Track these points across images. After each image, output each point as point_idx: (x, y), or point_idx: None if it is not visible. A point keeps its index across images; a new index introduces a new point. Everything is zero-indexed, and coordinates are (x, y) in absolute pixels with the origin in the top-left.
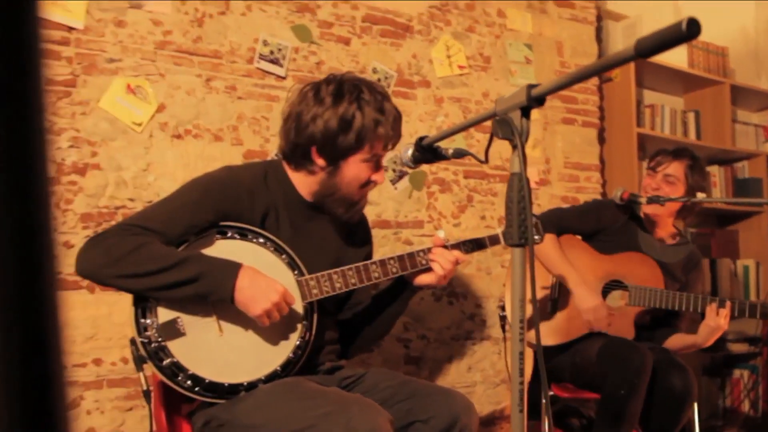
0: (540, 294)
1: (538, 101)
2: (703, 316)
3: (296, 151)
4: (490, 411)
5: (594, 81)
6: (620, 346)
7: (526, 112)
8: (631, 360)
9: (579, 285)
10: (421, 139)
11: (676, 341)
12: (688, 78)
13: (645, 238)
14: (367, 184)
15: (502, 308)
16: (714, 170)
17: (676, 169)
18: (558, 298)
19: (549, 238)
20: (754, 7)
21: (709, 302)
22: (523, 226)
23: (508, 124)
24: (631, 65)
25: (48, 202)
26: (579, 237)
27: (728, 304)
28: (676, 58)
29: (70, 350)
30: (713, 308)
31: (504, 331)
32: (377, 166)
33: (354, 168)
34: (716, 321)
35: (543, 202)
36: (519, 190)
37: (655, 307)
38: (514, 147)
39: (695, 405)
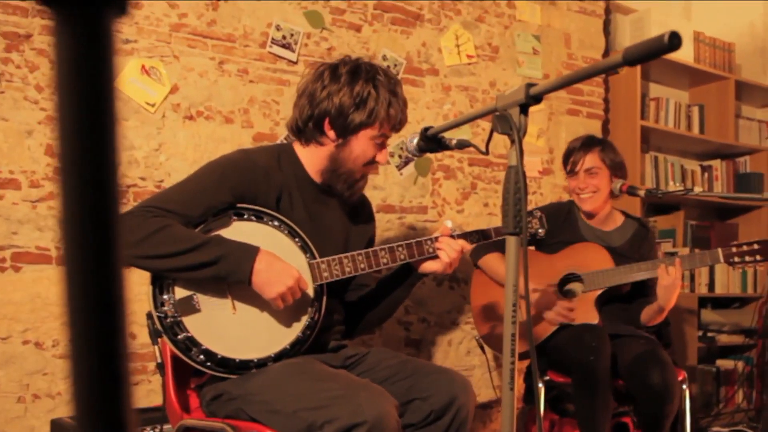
0: (504, 309)
1: (536, 99)
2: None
3: (308, 124)
4: (488, 394)
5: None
6: (578, 329)
7: (524, 109)
8: (586, 335)
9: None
10: (426, 129)
11: (646, 313)
12: (694, 72)
13: (587, 230)
14: (371, 163)
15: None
16: (716, 164)
17: (592, 160)
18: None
19: (495, 256)
20: (763, 3)
21: (659, 264)
22: (518, 217)
23: (507, 120)
24: None
25: (117, 201)
26: (532, 247)
27: (677, 260)
28: (682, 52)
29: None
30: (663, 268)
31: (484, 350)
32: (382, 147)
33: (363, 144)
34: (668, 279)
35: (546, 191)
36: (515, 183)
37: (611, 285)
38: (512, 142)
39: (686, 397)
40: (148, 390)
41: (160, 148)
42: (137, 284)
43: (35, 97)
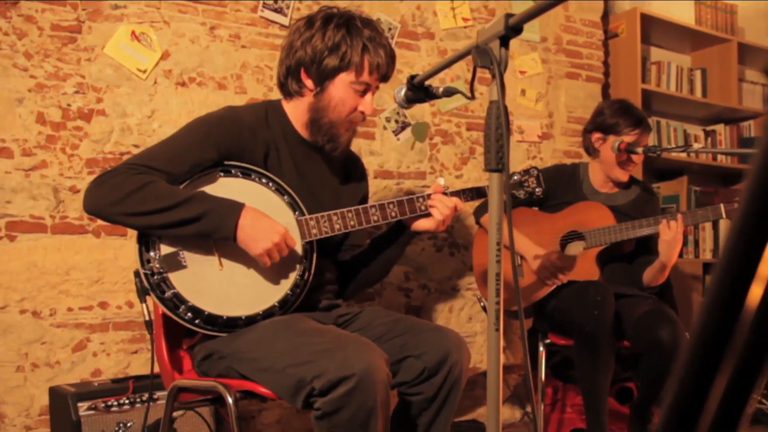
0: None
1: (515, 30)
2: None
3: (288, 77)
4: None
5: (599, 36)
6: (581, 285)
7: (504, 42)
8: (590, 290)
9: (527, 249)
10: (412, 77)
11: (648, 273)
12: (696, 35)
13: (591, 192)
14: (354, 111)
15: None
16: (720, 129)
17: (649, 138)
18: (521, 264)
19: None
20: None
21: (660, 220)
22: (500, 153)
23: (487, 53)
24: (637, 21)
25: None
26: (535, 208)
27: (679, 215)
28: (683, 15)
29: (77, 293)
30: (664, 223)
31: (486, 310)
32: (364, 95)
33: (341, 90)
34: (669, 234)
35: (546, 156)
36: (497, 117)
37: (613, 242)
38: (493, 76)
39: None
40: (146, 359)
41: (153, 114)
42: (134, 251)
43: (24, 65)
